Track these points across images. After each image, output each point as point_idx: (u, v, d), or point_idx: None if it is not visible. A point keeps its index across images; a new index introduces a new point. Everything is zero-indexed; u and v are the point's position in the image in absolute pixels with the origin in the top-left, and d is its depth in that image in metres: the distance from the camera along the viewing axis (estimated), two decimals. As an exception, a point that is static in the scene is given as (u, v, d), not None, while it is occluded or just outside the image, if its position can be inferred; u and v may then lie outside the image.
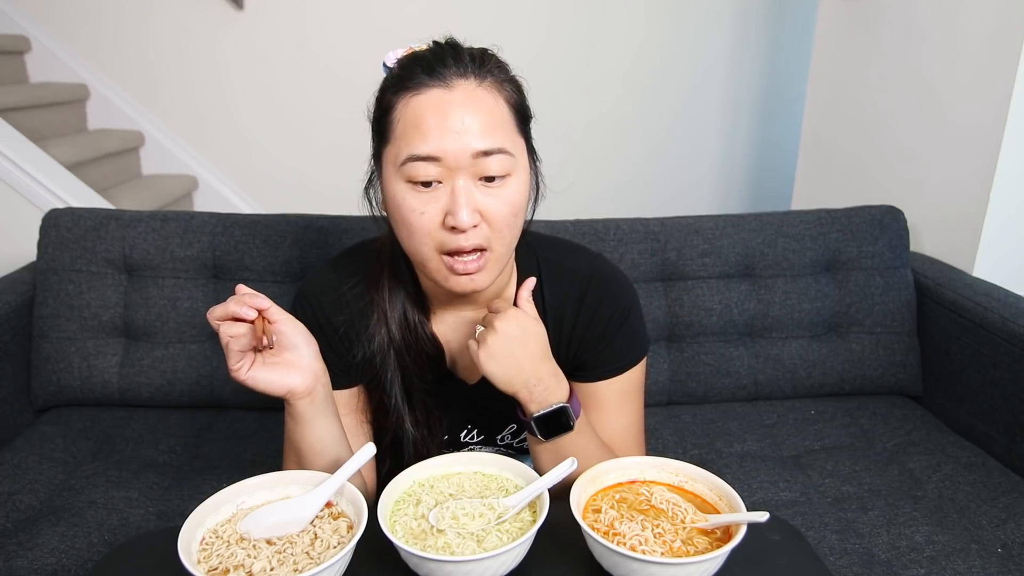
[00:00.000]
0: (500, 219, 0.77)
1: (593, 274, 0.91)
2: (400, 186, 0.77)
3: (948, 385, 1.44)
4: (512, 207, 0.78)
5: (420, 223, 0.77)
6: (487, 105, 0.77)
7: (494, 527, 0.68)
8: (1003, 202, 1.49)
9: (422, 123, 0.75)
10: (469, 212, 0.75)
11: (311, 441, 0.79)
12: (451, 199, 0.75)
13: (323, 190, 2.85)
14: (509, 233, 0.79)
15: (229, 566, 0.63)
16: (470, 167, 0.75)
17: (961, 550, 1.05)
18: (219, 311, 0.71)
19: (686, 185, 3.14)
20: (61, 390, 1.40)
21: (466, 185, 0.75)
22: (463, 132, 0.74)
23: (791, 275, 1.51)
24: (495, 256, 0.79)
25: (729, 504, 0.70)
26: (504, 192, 0.77)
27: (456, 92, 0.76)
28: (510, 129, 0.79)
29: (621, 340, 0.91)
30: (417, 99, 0.76)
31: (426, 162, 0.74)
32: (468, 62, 0.77)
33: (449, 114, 0.74)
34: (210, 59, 2.67)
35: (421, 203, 0.76)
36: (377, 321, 0.88)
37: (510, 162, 0.77)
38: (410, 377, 0.89)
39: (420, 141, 0.74)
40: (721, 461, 1.31)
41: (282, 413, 1.41)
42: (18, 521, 1.09)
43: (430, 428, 0.91)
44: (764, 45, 2.97)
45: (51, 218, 1.42)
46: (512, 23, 2.75)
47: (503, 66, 0.82)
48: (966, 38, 1.54)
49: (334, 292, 0.90)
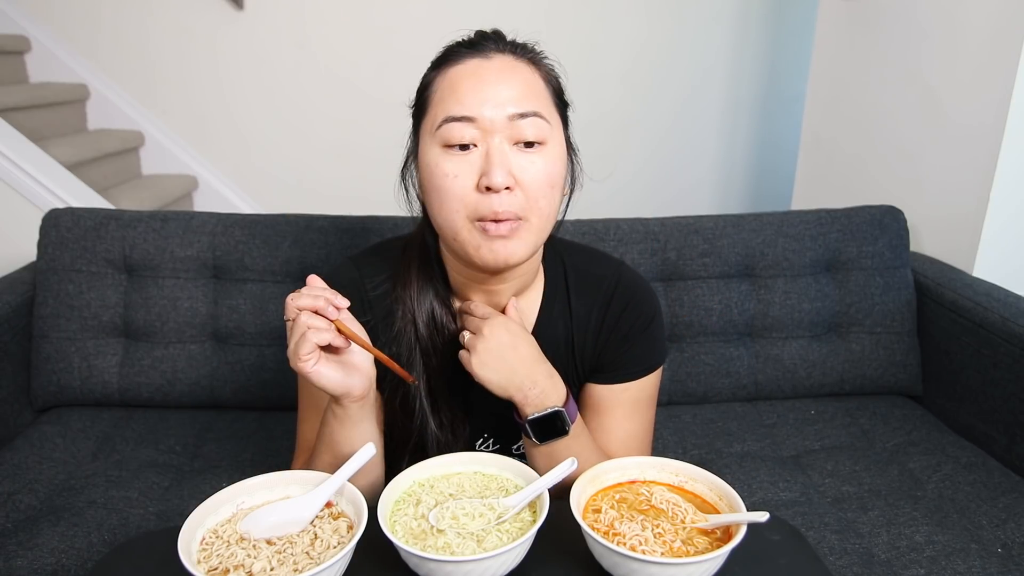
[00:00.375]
0: (536, 187, 0.76)
1: (619, 280, 0.92)
2: (435, 151, 0.77)
3: (948, 385, 1.44)
4: (548, 176, 0.77)
5: (453, 187, 0.76)
6: (524, 75, 0.78)
7: (494, 527, 0.68)
8: (1003, 202, 1.49)
9: (458, 87, 0.76)
10: (503, 172, 0.74)
11: (355, 443, 0.78)
12: (485, 160, 0.75)
13: (323, 190, 2.85)
14: (546, 204, 0.78)
15: (229, 566, 0.63)
16: (505, 129, 0.75)
17: (961, 550, 1.05)
18: (305, 301, 0.70)
19: (686, 185, 3.14)
20: (61, 390, 1.40)
21: (501, 146, 0.75)
22: (498, 94, 0.75)
23: (791, 275, 1.51)
24: (529, 227, 0.77)
25: (729, 504, 0.70)
26: (539, 159, 0.77)
27: (494, 61, 0.78)
28: (545, 100, 0.79)
29: (642, 345, 0.91)
30: (455, 68, 0.78)
31: (461, 123, 0.75)
32: (507, 43, 0.80)
33: (485, 78, 0.76)
34: (210, 59, 2.67)
35: (455, 166, 0.76)
36: (403, 318, 0.87)
37: (547, 128, 0.77)
38: (436, 377, 0.88)
39: (456, 103, 0.75)
40: (721, 461, 1.31)
41: (282, 413, 1.42)
42: (18, 521, 1.09)
43: (454, 431, 0.90)
44: (764, 45, 2.97)
45: (51, 218, 1.42)
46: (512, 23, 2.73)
47: (543, 54, 0.83)
48: (966, 38, 1.54)
49: (357, 293, 0.87)
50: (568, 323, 0.92)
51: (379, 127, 2.75)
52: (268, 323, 1.43)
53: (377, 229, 1.43)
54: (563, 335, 0.92)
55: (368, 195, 2.20)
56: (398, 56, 2.68)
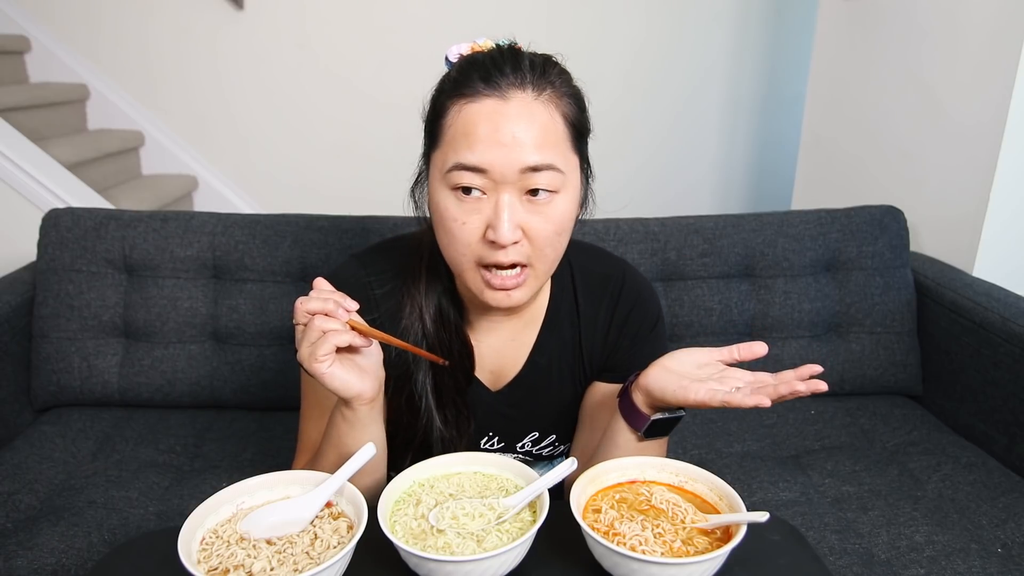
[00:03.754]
0: (543, 238, 0.76)
1: (625, 279, 0.93)
2: (444, 192, 0.76)
3: (948, 385, 1.44)
4: (556, 225, 0.77)
5: (461, 233, 0.75)
6: (541, 120, 0.75)
7: (494, 527, 0.68)
8: (1003, 202, 1.49)
9: (472, 132, 0.73)
10: (511, 228, 0.73)
11: (363, 445, 0.78)
12: (494, 213, 0.74)
13: (323, 190, 2.85)
14: (552, 252, 0.78)
15: (229, 566, 0.63)
16: (517, 181, 0.74)
17: (961, 550, 1.05)
18: (315, 304, 0.70)
19: (686, 185, 3.14)
20: (61, 390, 1.40)
21: (511, 200, 0.74)
22: (513, 146, 0.72)
23: (791, 275, 1.51)
24: (535, 274, 0.78)
25: (729, 504, 0.70)
26: (549, 210, 0.76)
27: (511, 104, 0.74)
28: (563, 146, 0.77)
29: (651, 343, 0.92)
30: (470, 107, 0.74)
31: (472, 172, 0.73)
32: (527, 71, 0.75)
33: (501, 126, 0.73)
34: (210, 59, 2.67)
35: (463, 213, 0.75)
36: (411, 314, 0.87)
37: (559, 179, 0.75)
38: (441, 374, 0.88)
39: (468, 150, 0.73)
40: (721, 461, 1.31)
41: (282, 413, 1.42)
42: (18, 521, 1.09)
43: (459, 428, 0.90)
44: (764, 45, 2.97)
45: (51, 218, 1.42)
46: (512, 24, 2.73)
47: (565, 77, 0.79)
48: (966, 38, 1.54)
49: (363, 291, 0.87)
50: (575, 322, 0.93)
51: (379, 127, 2.76)
52: (268, 323, 1.43)
53: (377, 229, 1.43)
54: (570, 334, 0.93)
55: (368, 195, 2.21)
56: (398, 56, 2.68)
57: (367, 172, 2.80)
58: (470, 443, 0.93)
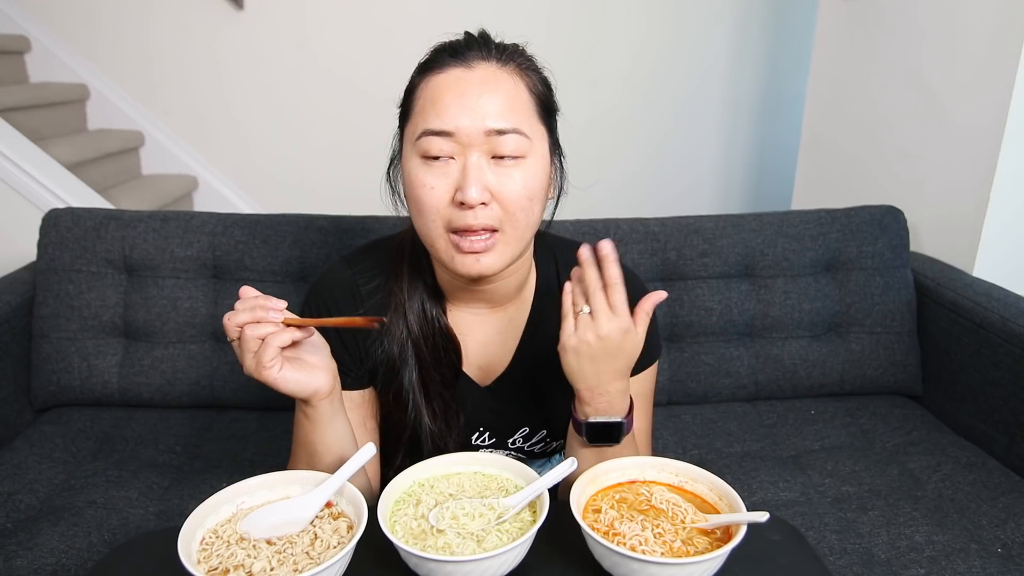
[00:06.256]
0: (512, 200, 0.77)
1: None
2: (414, 161, 0.78)
3: (948, 385, 1.44)
4: (526, 190, 0.77)
5: (430, 198, 0.76)
6: (506, 87, 0.77)
7: (494, 527, 0.68)
8: (1003, 202, 1.49)
9: (439, 99, 0.76)
10: (478, 188, 0.74)
11: (329, 441, 0.79)
12: (461, 174, 0.75)
13: (323, 190, 2.85)
14: (523, 217, 0.78)
15: (229, 566, 0.63)
16: (483, 144, 0.75)
17: (961, 550, 1.05)
18: (244, 316, 0.69)
19: (686, 185, 3.14)
20: (61, 390, 1.40)
21: (478, 162, 0.75)
22: (477, 109, 0.75)
23: (791, 275, 1.51)
24: (505, 239, 0.78)
25: (729, 504, 0.70)
26: (517, 172, 0.77)
27: (476, 72, 0.77)
28: (527, 113, 0.79)
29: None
30: (437, 77, 0.77)
31: (440, 137, 0.75)
32: (493, 48, 0.79)
33: (466, 91, 0.75)
34: (210, 59, 2.67)
35: (432, 177, 0.76)
36: (395, 312, 0.88)
37: (525, 144, 0.77)
38: (427, 369, 0.89)
39: (435, 116, 0.75)
40: (721, 461, 1.31)
41: (282, 413, 1.42)
42: (18, 521, 1.09)
43: (448, 422, 0.91)
44: (764, 45, 2.97)
45: (51, 218, 1.42)
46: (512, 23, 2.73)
47: (530, 59, 0.82)
48: (966, 38, 1.54)
49: (350, 290, 0.89)
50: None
51: (379, 127, 2.73)
52: (268, 323, 1.43)
53: (377, 229, 1.43)
54: (557, 333, 0.92)
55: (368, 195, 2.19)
56: (398, 56, 2.66)
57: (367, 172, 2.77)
58: (460, 438, 0.94)
